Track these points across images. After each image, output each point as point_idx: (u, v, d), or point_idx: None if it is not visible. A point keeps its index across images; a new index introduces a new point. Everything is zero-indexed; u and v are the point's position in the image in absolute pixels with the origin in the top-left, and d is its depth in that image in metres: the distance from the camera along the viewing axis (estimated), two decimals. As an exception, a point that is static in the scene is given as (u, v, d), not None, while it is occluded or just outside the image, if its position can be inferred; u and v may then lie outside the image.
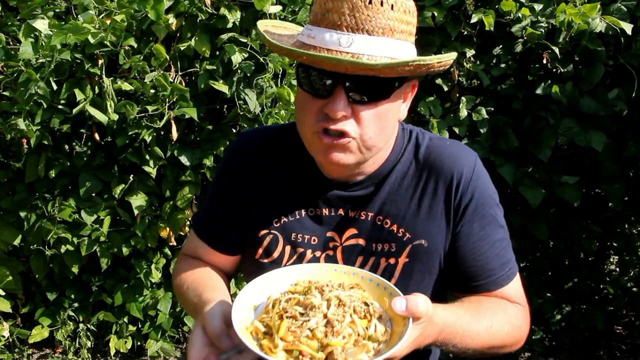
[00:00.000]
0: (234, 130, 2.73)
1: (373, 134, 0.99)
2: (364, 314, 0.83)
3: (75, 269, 2.75)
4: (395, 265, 1.08)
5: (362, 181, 1.11)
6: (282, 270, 0.96)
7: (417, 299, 0.82)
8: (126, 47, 2.35)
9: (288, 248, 1.12)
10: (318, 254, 1.11)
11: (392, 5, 0.92)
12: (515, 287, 1.14)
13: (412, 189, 1.09)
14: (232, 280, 2.68)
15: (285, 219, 1.12)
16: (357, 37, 0.90)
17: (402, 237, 1.08)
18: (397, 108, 1.05)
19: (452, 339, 0.95)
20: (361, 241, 1.10)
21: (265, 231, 1.13)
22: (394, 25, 0.92)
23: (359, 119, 0.96)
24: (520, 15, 2.45)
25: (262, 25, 1.08)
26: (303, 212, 1.12)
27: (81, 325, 2.95)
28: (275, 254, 1.12)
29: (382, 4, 0.90)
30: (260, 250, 1.13)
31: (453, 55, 0.99)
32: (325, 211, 1.11)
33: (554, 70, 2.53)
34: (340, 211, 1.10)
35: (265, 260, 1.14)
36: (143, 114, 2.43)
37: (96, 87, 2.41)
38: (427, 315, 0.84)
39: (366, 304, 0.85)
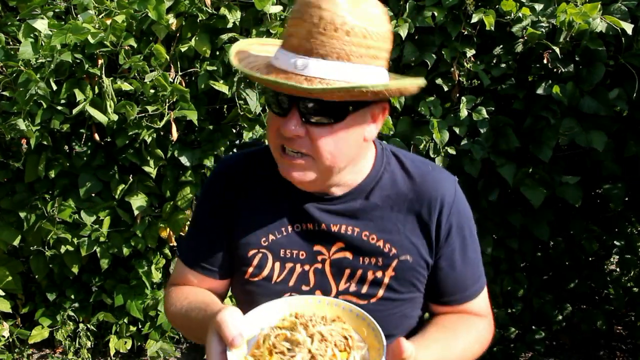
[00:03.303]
0: (234, 131, 2.73)
1: (329, 155, 1.01)
2: (344, 347, 0.93)
3: (75, 269, 2.75)
4: (382, 278, 1.12)
5: (343, 196, 1.14)
6: (271, 304, 1.02)
7: (404, 345, 0.88)
8: (126, 47, 2.35)
9: (277, 264, 1.14)
10: (307, 267, 1.14)
11: (348, 31, 0.94)
12: (482, 299, 1.23)
13: (397, 207, 1.13)
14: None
15: (272, 237, 1.14)
16: (312, 60, 0.94)
17: (389, 253, 1.12)
18: (360, 130, 1.06)
19: None
20: (349, 255, 1.13)
21: (254, 251, 1.15)
22: (350, 50, 0.94)
23: (313, 139, 1.00)
24: (520, 15, 2.45)
25: (246, 44, 1.12)
26: (289, 228, 1.14)
27: (81, 325, 2.95)
28: (266, 272, 1.14)
29: (336, 30, 0.93)
30: (251, 270, 1.15)
31: (411, 82, 1.01)
32: (310, 225, 1.14)
33: (555, 70, 2.52)
34: (324, 226, 1.13)
35: (256, 279, 1.15)
36: (143, 114, 2.42)
37: (96, 87, 2.40)
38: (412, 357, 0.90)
39: (345, 337, 0.94)
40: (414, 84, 1.02)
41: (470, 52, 2.55)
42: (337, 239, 1.13)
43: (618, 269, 3.24)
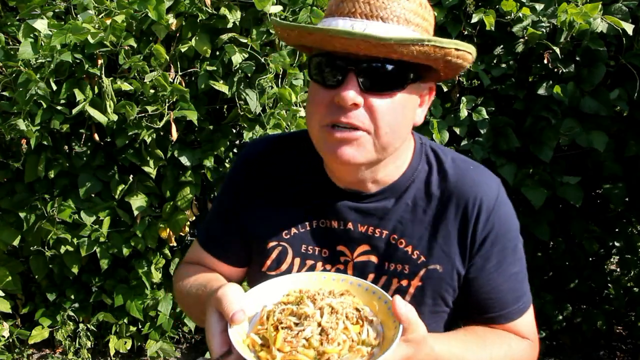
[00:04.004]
0: (234, 131, 2.72)
1: (388, 129, 0.92)
2: (356, 320, 0.84)
3: (75, 270, 2.74)
4: (407, 287, 1.03)
5: (376, 194, 1.04)
6: (274, 281, 0.94)
7: (398, 304, 0.81)
8: (126, 47, 2.35)
9: (297, 260, 1.07)
10: (328, 267, 1.06)
11: None
12: (526, 321, 1.11)
13: (431, 210, 1.03)
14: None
15: (295, 231, 1.07)
16: (371, 23, 0.88)
17: (417, 260, 1.03)
18: (413, 106, 0.98)
19: None
20: (373, 258, 1.04)
21: (274, 243, 1.08)
22: (409, 16, 0.90)
23: (372, 110, 0.90)
24: (521, 15, 2.45)
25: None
26: (314, 224, 1.06)
27: (81, 325, 2.95)
28: (284, 266, 1.07)
29: None
30: (269, 262, 1.08)
31: (471, 47, 0.94)
32: (335, 223, 1.05)
33: (555, 70, 2.52)
34: (350, 225, 1.04)
35: (274, 273, 1.08)
36: (143, 115, 2.42)
37: (96, 87, 2.40)
38: (420, 335, 0.83)
39: (357, 309, 0.86)
40: (469, 48, 0.94)
41: (470, 52, 2.55)
42: (362, 241, 1.04)
43: (618, 269, 3.24)
